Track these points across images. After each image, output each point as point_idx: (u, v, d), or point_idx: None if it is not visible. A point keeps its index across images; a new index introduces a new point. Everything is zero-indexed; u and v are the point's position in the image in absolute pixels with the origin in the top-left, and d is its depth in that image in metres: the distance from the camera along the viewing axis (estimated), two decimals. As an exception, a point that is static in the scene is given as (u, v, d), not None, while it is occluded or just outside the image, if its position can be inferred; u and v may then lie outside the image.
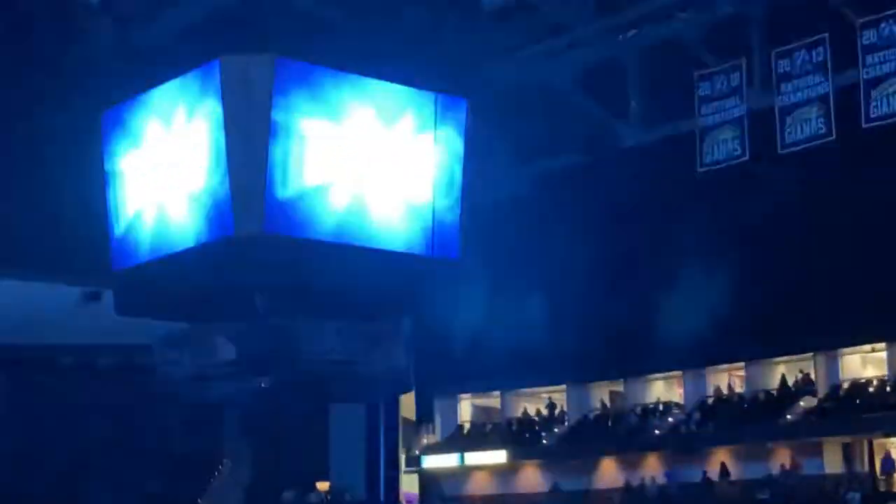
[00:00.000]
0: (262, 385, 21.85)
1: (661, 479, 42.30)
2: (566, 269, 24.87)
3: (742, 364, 38.74)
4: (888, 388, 37.46)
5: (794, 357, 33.51)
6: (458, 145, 20.14)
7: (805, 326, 26.83)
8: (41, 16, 19.20)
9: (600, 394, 46.06)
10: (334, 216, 19.35)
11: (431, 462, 49.07)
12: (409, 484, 47.40)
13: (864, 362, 38.47)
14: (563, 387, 46.16)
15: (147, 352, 23.05)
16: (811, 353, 35.43)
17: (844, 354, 34.10)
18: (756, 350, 32.78)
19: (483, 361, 26.09)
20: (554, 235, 24.07)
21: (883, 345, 36.85)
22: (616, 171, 22.81)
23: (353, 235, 19.54)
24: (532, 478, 46.38)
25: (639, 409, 44.47)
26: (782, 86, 20.49)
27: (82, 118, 20.43)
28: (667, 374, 42.01)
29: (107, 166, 20.66)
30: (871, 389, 38.07)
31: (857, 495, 36.56)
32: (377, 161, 19.55)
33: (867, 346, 36.69)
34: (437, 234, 20.12)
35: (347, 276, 19.74)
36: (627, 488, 43.14)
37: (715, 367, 35.93)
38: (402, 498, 45.30)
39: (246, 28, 19.07)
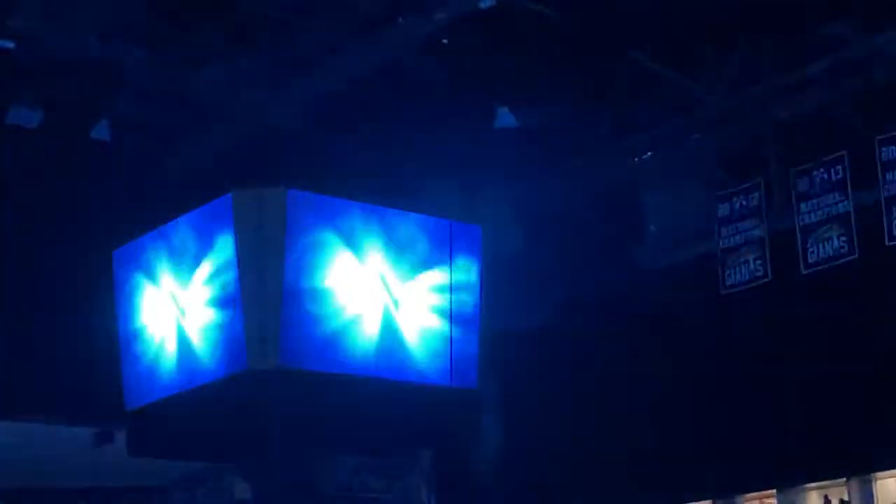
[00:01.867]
0: (280, 524, 21.33)
1: None
2: (589, 399, 24.33)
3: (773, 492, 37.97)
4: (926, 513, 36.54)
5: (828, 483, 32.63)
6: (473, 273, 19.91)
7: (837, 450, 26.11)
8: (52, 154, 19.19)
9: (628, 526, 45.04)
10: (350, 348, 19.04)
11: None
12: None
13: (900, 486, 37.60)
14: (590, 519, 45.23)
15: (161, 493, 22.61)
16: (844, 479, 34.70)
17: (879, 479, 33.21)
18: (787, 477, 31.98)
19: (505, 495, 25.46)
20: (574, 363, 23.61)
21: (918, 468, 36.07)
22: (636, 296, 22.46)
23: (369, 368, 19.20)
24: None
25: (669, 542, 43.39)
26: (802, 205, 20.21)
27: (93, 257, 20.32)
28: (698, 503, 41.16)
29: (118, 305, 20.46)
30: (908, 515, 37.15)
31: None
32: (392, 291, 19.31)
33: (902, 470, 35.93)
34: (455, 363, 19.77)
35: (365, 409, 19.37)
36: None
37: (746, 495, 35.08)
38: None
39: (258, 161, 19.04)
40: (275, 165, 18.92)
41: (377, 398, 19.23)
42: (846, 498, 35.67)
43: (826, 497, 35.36)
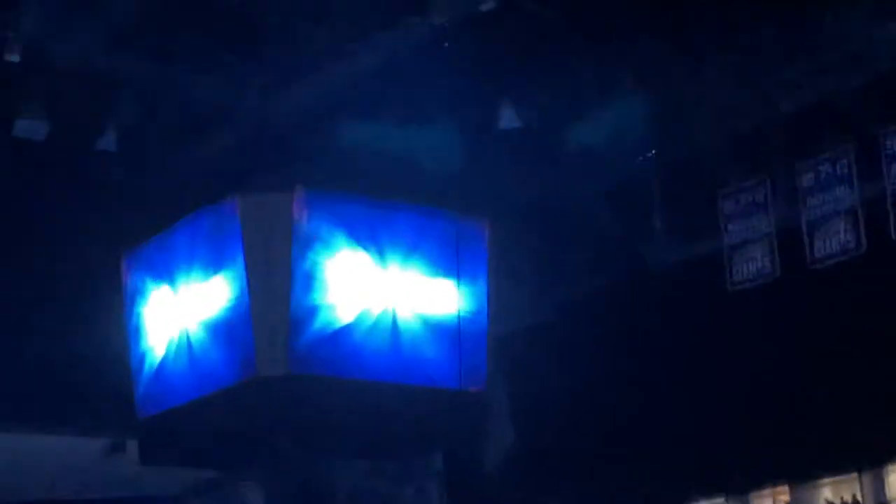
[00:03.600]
0: (293, 531, 21.31)
1: None
2: (597, 397, 24.29)
3: (786, 487, 37.93)
4: (938, 507, 36.39)
5: (839, 477, 32.63)
6: (480, 270, 19.88)
7: (849, 444, 26.07)
8: (56, 163, 19.22)
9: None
10: (360, 352, 19.02)
11: None
12: None
13: (912, 480, 37.50)
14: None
15: (174, 503, 22.59)
16: (855, 473, 34.64)
17: (891, 472, 33.21)
18: (800, 471, 32.03)
19: (517, 493, 25.43)
20: (582, 362, 23.58)
21: (930, 461, 35.96)
22: (643, 293, 22.43)
23: (379, 372, 19.17)
24: None
25: (681, 541, 43.18)
26: (808, 199, 20.22)
27: (101, 264, 20.34)
28: (709, 500, 41.03)
29: (127, 312, 20.48)
30: (920, 509, 37.04)
31: None
32: (401, 292, 19.30)
33: (914, 464, 35.86)
34: (464, 365, 19.76)
35: (376, 413, 19.35)
36: None
37: (759, 491, 35.12)
38: None
39: (263, 164, 19.05)
40: (280, 167, 18.93)
41: (387, 402, 19.23)
42: (858, 496, 35.63)
43: (846, 491, 35.28)
